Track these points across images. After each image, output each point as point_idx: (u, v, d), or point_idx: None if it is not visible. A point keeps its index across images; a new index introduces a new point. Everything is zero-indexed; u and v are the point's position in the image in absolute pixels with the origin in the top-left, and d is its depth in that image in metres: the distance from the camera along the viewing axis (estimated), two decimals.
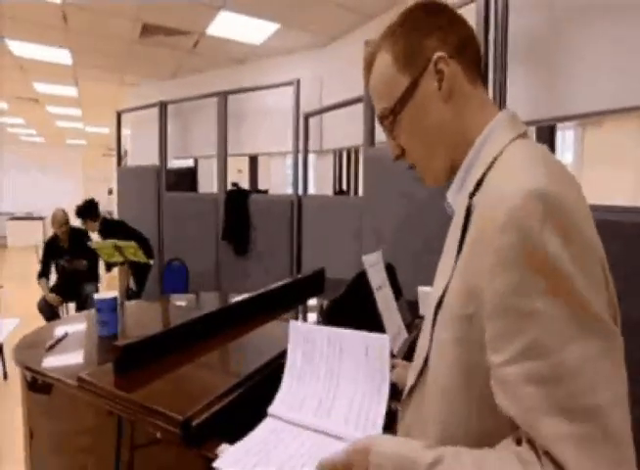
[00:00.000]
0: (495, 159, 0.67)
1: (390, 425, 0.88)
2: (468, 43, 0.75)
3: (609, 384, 0.52)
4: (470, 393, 0.63)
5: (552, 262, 0.53)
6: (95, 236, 4.33)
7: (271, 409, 0.97)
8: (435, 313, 0.69)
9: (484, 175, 0.67)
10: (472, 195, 0.67)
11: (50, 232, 4.49)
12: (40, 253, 4.46)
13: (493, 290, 0.56)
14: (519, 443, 0.56)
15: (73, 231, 4.37)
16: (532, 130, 2.56)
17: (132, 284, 4.07)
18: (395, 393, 0.93)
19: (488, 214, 0.59)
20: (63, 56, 5.24)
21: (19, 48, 4.96)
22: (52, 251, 4.32)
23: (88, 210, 4.19)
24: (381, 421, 0.88)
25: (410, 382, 0.78)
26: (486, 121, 0.72)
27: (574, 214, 0.56)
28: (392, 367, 0.96)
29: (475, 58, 0.76)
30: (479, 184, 0.67)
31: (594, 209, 0.61)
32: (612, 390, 0.52)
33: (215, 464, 0.80)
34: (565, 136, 6.10)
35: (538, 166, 0.60)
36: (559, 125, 2.89)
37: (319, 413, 0.92)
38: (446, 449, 0.60)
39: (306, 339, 1.02)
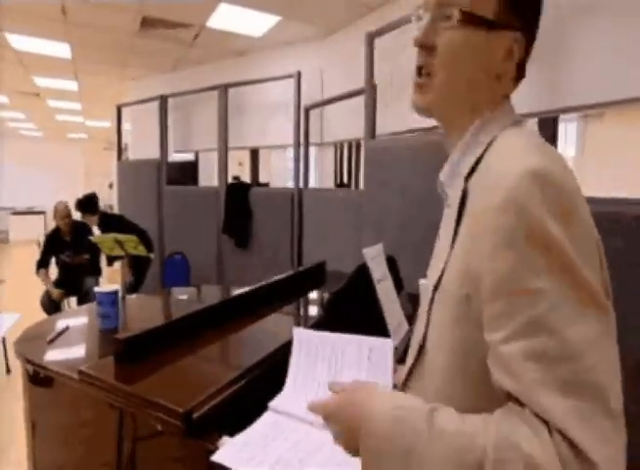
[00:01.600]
0: (490, 143, 0.67)
1: None
2: (532, 45, 0.72)
3: (607, 361, 0.53)
4: (467, 371, 0.63)
5: (551, 241, 0.53)
6: (97, 230, 4.33)
7: (272, 404, 0.97)
8: (433, 296, 0.70)
9: (479, 159, 0.67)
10: (466, 178, 0.68)
11: (51, 226, 4.48)
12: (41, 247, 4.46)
13: (493, 270, 0.56)
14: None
15: (76, 224, 4.36)
16: (534, 122, 2.55)
17: (129, 277, 4.07)
18: None
19: (485, 197, 0.59)
20: (62, 50, 5.22)
21: (18, 42, 4.94)
22: (53, 243, 4.32)
23: (87, 204, 4.19)
24: None
25: (407, 366, 0.78)
26: (491, 108, 0.72)
27: (572, 194, 0.56)
28: (394, 372, 0.96)
29: (527, 61, 0.73)
30: (473, 168, 0.67)
31: (596, 201, 0.61)
32: (610, 367, 0.53)
33: (213, 458, 0.80)
34: (566, 130, 6.07)
35: (533, 149, 0.60)
36: (561, 118, 2.87)
37: None
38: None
39: (309, 345, 1.02)
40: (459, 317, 0.63)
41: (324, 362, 0.99)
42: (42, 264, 4.26)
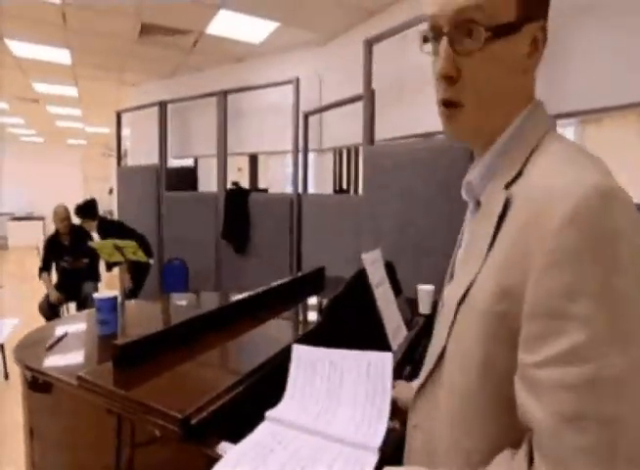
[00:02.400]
0: (533, 149, 0.63)
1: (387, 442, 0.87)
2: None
3: (637, 400, 0.50)
4: (490, 392, 0.60)
5: (610, 269, 0.50)
6: (97, 235, 4.33)
7: (269, 414, 0.96)
8: (457, 309, 0.65)
9: (523, 166, 0.63)
10: (507, 186, 0.63)
11: (50, 232, 4.50)
12: (41, 252, 4.47)
13: (541, 289, 0.53)
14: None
15: (75, 229, 4.38)
16: None
17: (129, 282, 4.08)
18: (394, 410, 0.92)
19: (540, 212, 0.55)
20: (62, 56, 5.24)
21: (18, 48, 4.96)
22: (53, 247, 4.34)
23: (86, 209, 4.20)
24: (382, 432, 0.87)
25: (421, 380, 0.75)
26: (522, 107, 0.68)
27: (635, 212, 0.52)
28: (392, 387, 0.95)
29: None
30: (516, 175, 0.63)
31: None
32: (638, 408, 0.50)
33: None
34: (564, 133, 6.10)
35: (591, 163, 0.57)
36: (558, 122, 2.88)
37: (319, 422, 0.92)
38: None
39: (307, 362, 1.02)
40: (490, 335, 0.59)
41: (322, 379, 0.99)
42: (44, 268, 4.29)
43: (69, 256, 4.31)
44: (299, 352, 1.04)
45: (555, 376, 0.51)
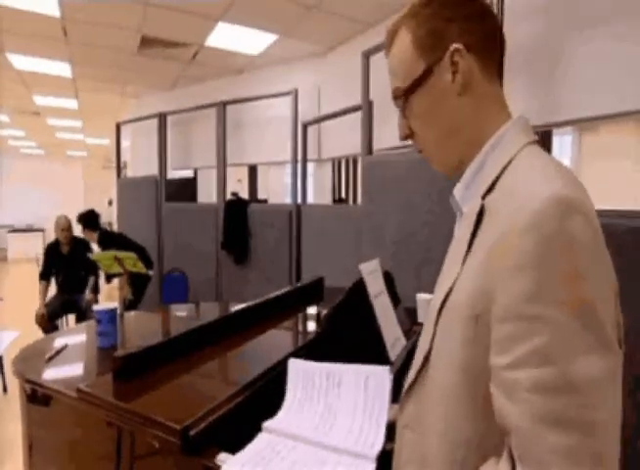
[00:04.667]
0: (509, 162, 0.66)
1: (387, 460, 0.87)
2: (491, 38, 0.73)
3: (608, 403, 0.52)
4: (473, 393, 0.62)
5: (571, 272, 0.52)
6: (96, 247, 4.35)
7: (266, 425, 0.96)
8: (439, 312, 0.68)
9: (498, 178, 0.66)
10: (483, 196, 0.67)
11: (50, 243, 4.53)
12: (41, 264, 4.49)
13: (508, 292, 0.55)
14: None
15: (76, 240, 4.41)
16: None
17: (129, 294, 4.07)
18: (392, 433, 0.93)
19: (508, 219, 0.58)
20: (63, 69, 5.28)
21: (19, 62, 5.00)
22: (52, 254, 4.38)
23: (89, 219, 4.22)
24: (380, 441, 0.88)
25: (409, 380, 0.77)
26: (500, 123, 0.72)
27: (594, 223, 0.55)
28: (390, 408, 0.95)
29: (496, 55, 0.74)
30: (491, 186, 0.66)
31: None
32: (610, 409, 0.52)
33: None
34: (561, 141, 6.12)
35: (557, 174, 0.60)
36: (555, 130, 2.91)
37: (317, 433, 0.92)
38: None
39: (305, 376, 1.02)
40: (469, 338, 0.62)
41: (320, 390, 0.99)
42: (44, 276, 4.33)
43: (67, 265, 4.33)
44: (296, 365, 1.04)
45: (525, 378, 0.53)
